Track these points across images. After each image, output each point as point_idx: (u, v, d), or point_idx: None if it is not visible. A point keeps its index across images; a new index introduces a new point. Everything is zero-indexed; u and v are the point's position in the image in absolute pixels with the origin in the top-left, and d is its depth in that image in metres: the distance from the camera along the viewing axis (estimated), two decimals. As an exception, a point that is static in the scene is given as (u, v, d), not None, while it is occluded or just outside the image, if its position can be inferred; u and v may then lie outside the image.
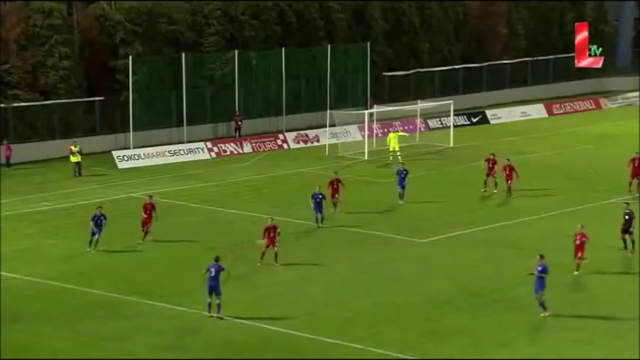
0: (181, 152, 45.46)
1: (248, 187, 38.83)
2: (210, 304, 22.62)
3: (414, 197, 35.85)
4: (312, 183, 39.19)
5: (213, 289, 22.52)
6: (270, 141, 48.55)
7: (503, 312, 23.17)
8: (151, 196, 30.54)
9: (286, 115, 51.46)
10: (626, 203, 28.23)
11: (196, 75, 49.18)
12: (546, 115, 58.03)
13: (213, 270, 22.63)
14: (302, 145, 48.89)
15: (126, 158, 43.85)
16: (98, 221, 28.36)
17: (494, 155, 36.13)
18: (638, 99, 62.69)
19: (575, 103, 60.35)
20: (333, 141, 47.42)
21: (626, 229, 27.53)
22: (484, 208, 33.81)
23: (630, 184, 35.15)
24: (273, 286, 25.29)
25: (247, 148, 47.42)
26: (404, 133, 46.15)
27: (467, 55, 61.51)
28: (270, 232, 26.96)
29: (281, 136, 49.07)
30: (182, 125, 47.75)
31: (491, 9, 62.97)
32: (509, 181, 34.72)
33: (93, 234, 28.35)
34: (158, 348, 21.18)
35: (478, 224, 31.11)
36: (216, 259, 22.90)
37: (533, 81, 63.42)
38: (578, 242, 25.92)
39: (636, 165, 35.03)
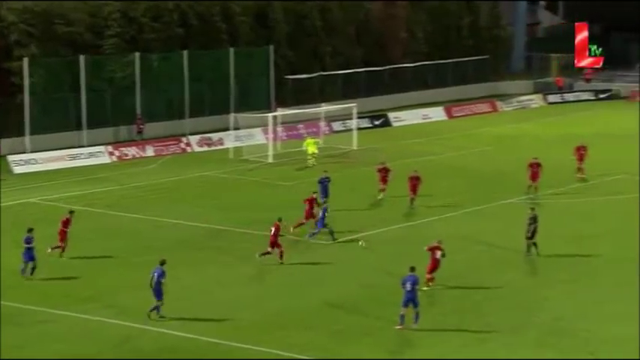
0: (81, 156, 44.57)
1: (151, 191, 38.38)
2: (156, 307, 22.75)
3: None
4: (217, 186, 39.22)
5: (156, 292, 22.65)
6: (174, 144, 48.11)
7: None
8: (71, 212, 28.99)
9: (190, 118, 51.10)
10: (532, 208, 28.17)
11: (96, 77, 48.30)
12: (446, 118, 59.45)
13: (155, 274, 22.74)
14: (206, 148, 48.63)
15: (22, 163, 42.69)
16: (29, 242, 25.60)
17: (384, 163, 35.85)
18: (532, 102, 65.08)
19: (474, 105, 62.06)
20: (238, 144, 47.36)
21: (531, 236, 27.44)
22: (388, 209, 34.42)
23: (529, 187, 36.13)
24: (179, 291, 25.13)
25: (150, 151, 46.85)
26: (319, 140, 45.59)
27: (369, 58, 62.46)
28: (277, 231, 27.10)
29: (184, 140, 48.68)
30: (81, 129, 46.81)
31: (391, 12, 64.13)
32: (415, 193, 34.00)
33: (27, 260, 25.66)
34: (61, 355, 20.77)
35: (382, 225, 31.65)
36: (161, 263, 22.96)
37: (433, 84, 64.89)
38: (437, 258, 24.69)
39: (534, 170, 36.09)
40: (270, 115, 47.23)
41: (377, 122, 56.08)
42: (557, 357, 20.75)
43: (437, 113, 59.50)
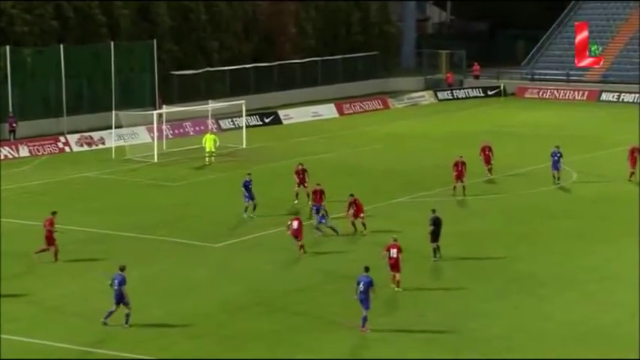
0: (-53, 158, 42.37)
1: (26, 193, 36.85)
2: (110, 312, 22.14)
3: (206, 200, 35.54)
4: (98, 188, 37.95)
5: (119, 298, 22.03)
6: (51, 144, 46.40)
7: (298, 315, 23.37)
8: (54, 212, 27.73)
9: (67, 115, 49.44)
10: (433, 210, 27.88)
11: (-40, 73, 46.17)
12: (337, 115, 59.67)
13: (116, 281, 22.13)
14: (86, 147, 47.14)
15: None
16: None
17: (302, 165, 34.97)
18: (422, 98, 66.14)
19: (365, 102, 62.53)
20: (121, 143, 46.13)
21: (435, 238, 27.30)
22: (279, 210, 34.04)
23: (454, 187, 35.69)
24: (57, 299, 24.05)
25: (24, 151, 45.04)
26: (216, 135, 43.94)
27: (257, 54, 62.08)
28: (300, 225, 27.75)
29: (62, 139, 47.02)
30: (-54, 128, 44.64)
31: (280, 8, 63.92)
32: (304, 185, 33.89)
33: None
34: None
35: (271, 227, 31.24)
36: (122, 269, 22.28)
37: (323, 81, 65.07)
38: (393, 257, 24.51)
39: (459, 169, 35.61)
40: (154, 112, 46.20)
41: (267, 120, 55.73)
42: (446, 356, 20.84)
43: (327, 110, 59.65)
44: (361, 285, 22.04)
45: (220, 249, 29.18)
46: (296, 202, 34.26)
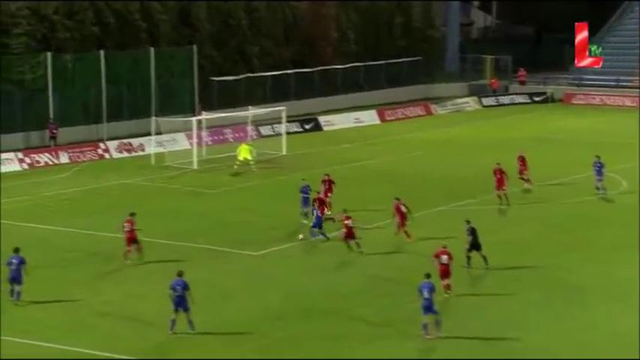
0: (-12, 164, 43.42)
1: (65, 200, 37.64)
2: (173, 321, 22.68)
3: (246, 207, 36.03)
4: (137, 195, 38.68)
5: (179, 304, 22.48)
6: (90, 150, 47.33)
7: (337, 324, 23.67)
8: (132, 213, 28.90)
9: (107, 122, 50.36)
10: (467, 221, 28.00)
11: (3, 79, 47.24)
12: (379, 122, 59.88)
13: (178, 287, 22.61)
14: (125, 154, 47.98)
15: None
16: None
17: (328, 175, 35.26)
18: (467, 105, 66.09)
19: (407, 109, 62.63)
20: (160, 150, 46.87)
21: (473, 246, 27.41)
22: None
23: (498, 196, 35.71)
24: (98, 305, 24.67)
25: (64, 158, 46.00)
26: (252, 145, 43.91)
27: (298, 59, 62.54)
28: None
29: (102, 145, 47.94)
30: (-12, 134, 45.73)
31: (320, 12, 64.38)
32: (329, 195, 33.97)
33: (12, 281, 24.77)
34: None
35: (308, 235, 31.54)
36: (180, 274, 22.82)
37: (365, 86, 65.33)
38: (444, 264, 24.82)
39: (499, 177, 35.58)
40: (194, 118, 46.87)
41: (307, 126, 56.16)
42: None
43: (369, 117, 59.88)
44: (425, 291, 22.24)
45: (260, 257, 29.56)
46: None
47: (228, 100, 55.42)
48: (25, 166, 44.49)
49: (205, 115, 48.78)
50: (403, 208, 30.87)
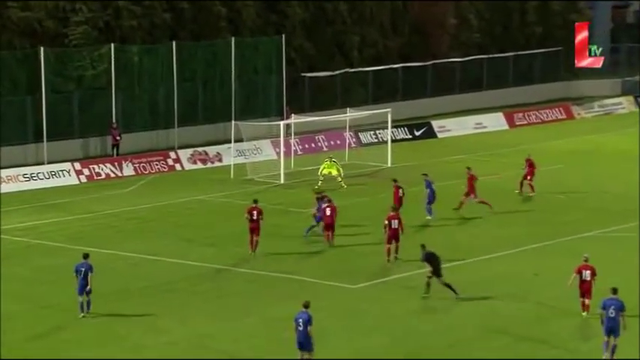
0: (41, 176, 44.84)
1: (129, 220, 38.47)
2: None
3: (342, 231, 36.08)
4: (213, 213, 39.23)
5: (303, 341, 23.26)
6: (159, 161, 48.35)
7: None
8: (255, 200, 33.25)
9: (179, 127, 51.35)
10: (422, 246, 28.81)
11: (59, 76, 48.72)
12: (507, 127, 59.43)
13: (300, 320, 23.23)
14: (200, 165, 48.82)
15: (-35, 184, 43.00)
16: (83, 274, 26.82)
17: (469, 169, 37.90)
18: (619, 106, 64.83)
19: (542, 112, 62.06)
20: (241, 160, 47.51)
21: (434, 273, 28.08)
22: (429, 244, 34.15)
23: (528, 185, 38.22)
24: (156, 348, 25.03)
25: (128, 170, 47.09)
26: (338, 164, 43.61)
27: (407, 51, 62.61)
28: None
29: (172, 155, 48.92)
30: (41, 141, 47.11)
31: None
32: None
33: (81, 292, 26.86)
34: None
35: (420, 266, 31.40)
36: (306, 306, 23.38)
37: (489, 84, 64.90)
38: (586, 280, 26.04)
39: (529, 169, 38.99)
40: (281, 123, 47.36)
41: (417, 132, 56.15)
42: None
43: (494, 121, 59.53)
44: (611, 310, 22.84)
45: (359, 290, 29.58)
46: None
47: (322, 100, 55.86)
48: (84, 179, 45.74)
49: (295, 119, 49.24)
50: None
